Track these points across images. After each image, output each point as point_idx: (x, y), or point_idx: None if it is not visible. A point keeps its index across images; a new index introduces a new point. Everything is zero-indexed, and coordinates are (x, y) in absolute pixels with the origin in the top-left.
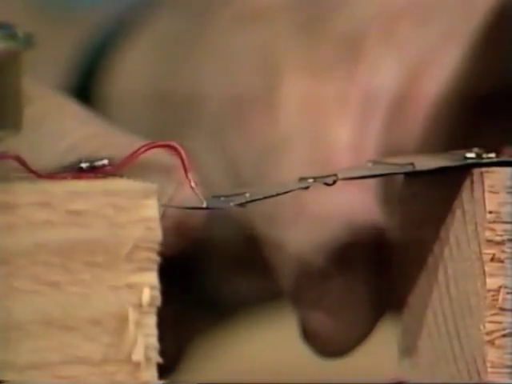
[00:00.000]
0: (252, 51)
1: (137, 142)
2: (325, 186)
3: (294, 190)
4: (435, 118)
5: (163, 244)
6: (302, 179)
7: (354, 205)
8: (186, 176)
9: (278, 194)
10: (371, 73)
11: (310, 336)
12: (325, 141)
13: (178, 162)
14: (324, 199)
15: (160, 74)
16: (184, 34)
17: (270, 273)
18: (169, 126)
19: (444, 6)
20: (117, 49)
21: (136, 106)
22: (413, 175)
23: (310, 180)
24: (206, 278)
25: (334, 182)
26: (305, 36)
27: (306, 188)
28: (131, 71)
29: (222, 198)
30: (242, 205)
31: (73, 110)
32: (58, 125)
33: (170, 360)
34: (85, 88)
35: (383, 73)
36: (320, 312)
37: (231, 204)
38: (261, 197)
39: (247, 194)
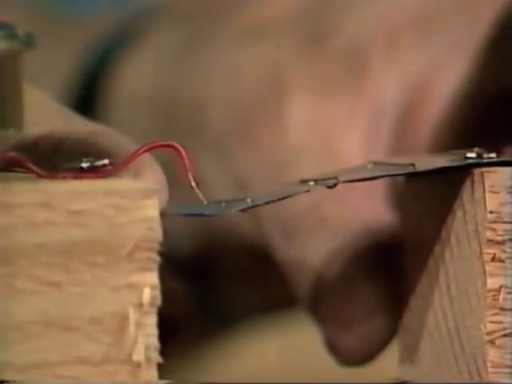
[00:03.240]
0: (256, 66)
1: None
2: (337, 195)
3: (296, 195)
4: (441, 129)
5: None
6: (303, 181)
7: (370, 212)
8: (187, 176)
9: (279, 199)
10: (377, 87)
11: (333, 348)
12: (335, 154)
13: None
14: (340, 208)
15: (163, 86)
16: (186, 46)
17: (274, 283)
18: (172, 140)
19: (447, 18)
20: (119, 59)
21: (139, 118)
22: (413, 175)
23: (311, 182)
24: (210, 286)
25: (335, 185)
26: (309, 51)
27: (307, 191)
28: (134, 83)
29: (223, 204)
30: (243, 210)
31: (40, 103)
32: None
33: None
34: (87, 99)
35: (389, 86)
36: (343, 324)
37: (232, 210)
38: (262, 202)
39: (248, 200)
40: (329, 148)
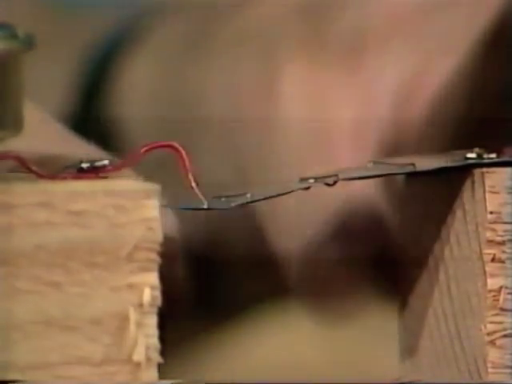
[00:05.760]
0: (254, 66)
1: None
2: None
3: (295, 191)
4: (436, 115)
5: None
6: (303, 179)
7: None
8: (187, 176)
9: (278, 195)
10: (372, 75)
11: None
12: (326, 129)
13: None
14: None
15: (164, 83)
16: (186, 44)
17: (272, 275)
18: (173, 130)
19: (446, 11)
20: (120, 59)
21: (141, 111)
22: (413, 175)
23: (311, 180)
24: (209, 279)
25: (335, 183)
26: (308, 36)
27: (307, 188)
28: (135, 81)
29: (223, 199)
30: (242, 205)
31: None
32: None
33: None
34: (88, 106)
35: (384, 75)
36: (326, 298)
37: (232, 205)
38: (261, 197)
39: (248, 195)
40: (322, 121)
